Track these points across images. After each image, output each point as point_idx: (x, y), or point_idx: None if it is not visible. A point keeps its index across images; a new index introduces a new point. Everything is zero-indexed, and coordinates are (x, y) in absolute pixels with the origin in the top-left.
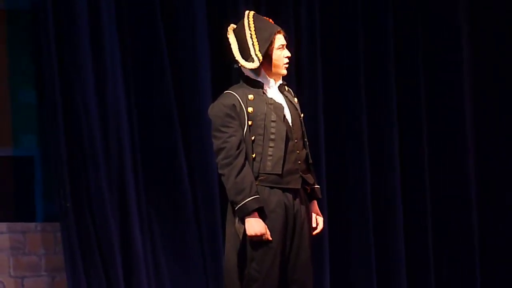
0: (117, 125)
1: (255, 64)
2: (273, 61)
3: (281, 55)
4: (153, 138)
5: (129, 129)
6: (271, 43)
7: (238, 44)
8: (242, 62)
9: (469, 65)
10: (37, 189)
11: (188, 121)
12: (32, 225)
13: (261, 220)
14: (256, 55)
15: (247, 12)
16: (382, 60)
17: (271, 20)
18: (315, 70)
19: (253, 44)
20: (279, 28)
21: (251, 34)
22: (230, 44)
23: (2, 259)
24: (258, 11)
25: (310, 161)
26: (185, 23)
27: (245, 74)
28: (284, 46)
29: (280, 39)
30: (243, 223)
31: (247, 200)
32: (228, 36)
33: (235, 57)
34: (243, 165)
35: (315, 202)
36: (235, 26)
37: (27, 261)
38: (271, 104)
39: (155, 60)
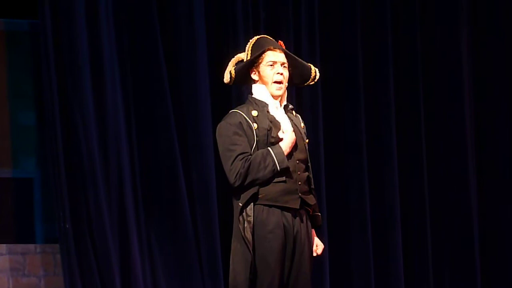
0: (116, 147)
1: (226, 79)
2: (262, 77)
3: (270, 73)
4: (153, 159)
5: (128, 151)
6: (260, 59)
7: (237, 63)
8: (225, 77)
9: (468, 68)
10: (36, 211)
11: (188, 142)
12: (31, 246)
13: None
14: (234, 71)
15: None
16: (381, 72)
17: (280, 42)
18: (315, 92)
19: (244, 61)
20: (272, 46)
21: (247, 54)
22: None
23: (2, 280)
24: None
25: (312, 186)
26: (186, 47)
27: (252, 94)
28: (276, 64)
29: (271, 56)
30: (282, 162)
31: (276, 160)
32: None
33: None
34: (248, 159)
35: (313, 230)
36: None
37: (26, 282)
38: (271, 121)
39: (155, 81)
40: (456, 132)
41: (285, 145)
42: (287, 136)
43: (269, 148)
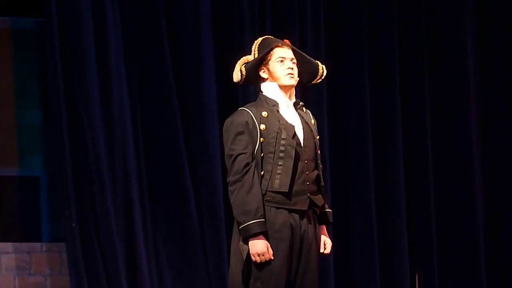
0: (123, 146)
1: (237, 78)
2: (273, 73)
3: (280, 69)
4: (159, 158)
5: (135, 150)
6: (269, 56)
7: (245, 63)
8: (234, 77)
9: (474, 65)
10: (43, 210)
11: (194, 140)
12: (38, 245)
13: (263, 241)
14: (245, 69)
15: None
16: (387, 69)
17: (286, 41)
18: (320, 89)
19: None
20: (279, 43)
21: (254, 54)
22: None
23: (8, 279)
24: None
25: (322, 183)
26: (192, 49)
27: (263, 92)
28: (286, 59)
29: (279, 52)
30: (246, 243)
31: (250, 222)
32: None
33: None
34: (251, 185)
35: (324, 226)
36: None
37: (32, 281)
38: (282, 123)
39: (161, 80)
40: (461, 130)
41: (252, 243)
42: (258, 247)
43: (254, 219)
